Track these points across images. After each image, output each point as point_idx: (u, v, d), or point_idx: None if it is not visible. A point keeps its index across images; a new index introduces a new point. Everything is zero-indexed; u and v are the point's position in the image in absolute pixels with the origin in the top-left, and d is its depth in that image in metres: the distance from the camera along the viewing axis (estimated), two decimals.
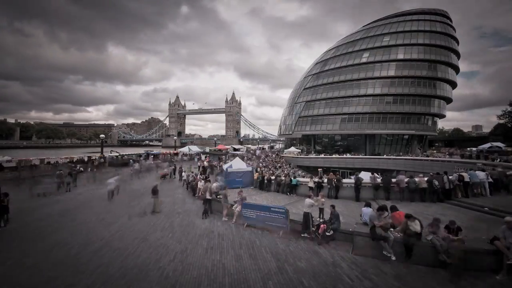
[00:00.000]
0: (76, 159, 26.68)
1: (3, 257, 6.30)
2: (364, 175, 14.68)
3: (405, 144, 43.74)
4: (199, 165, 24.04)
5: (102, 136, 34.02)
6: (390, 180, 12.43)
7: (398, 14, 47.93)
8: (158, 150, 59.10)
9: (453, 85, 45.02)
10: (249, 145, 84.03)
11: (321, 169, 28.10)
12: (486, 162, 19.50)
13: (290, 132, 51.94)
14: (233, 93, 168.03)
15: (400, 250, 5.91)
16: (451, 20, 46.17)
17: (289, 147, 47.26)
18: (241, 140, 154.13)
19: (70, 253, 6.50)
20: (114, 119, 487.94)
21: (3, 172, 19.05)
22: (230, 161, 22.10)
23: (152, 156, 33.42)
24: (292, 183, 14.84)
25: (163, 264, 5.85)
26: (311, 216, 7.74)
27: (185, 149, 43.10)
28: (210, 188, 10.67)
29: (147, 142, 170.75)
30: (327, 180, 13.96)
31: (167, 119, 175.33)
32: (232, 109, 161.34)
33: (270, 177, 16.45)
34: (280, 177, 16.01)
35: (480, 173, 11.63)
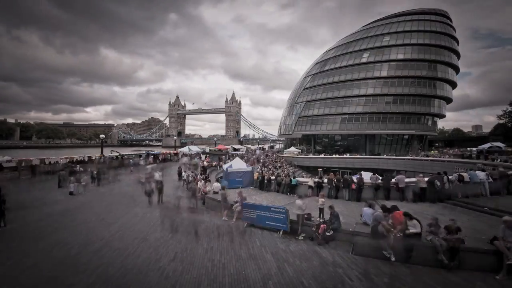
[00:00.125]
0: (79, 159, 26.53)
1: (3, 257, 6.28)
2: (365, 175, 14.70)
3: (405, 144, 43.79)
4: (200, 164, 24.08)
5: (102, 136, 34.08)
6: (390, 180, 12.43)
7: (398, 14, 47.96)
8: (159, 150, 59.07)
9: (453, 85, 45.06)
10: (249, 145, 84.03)
11: (321, 169, 28.11)
12: (486, 162, 19.51)
13: (290, 132, 51.97)
14: (233, 93, 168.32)
15: (400, 250, 5.90)
16: (451, 20, 46.21)
17: (289, 147, 47.27)
18: (241, 140, 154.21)
19: (70, 253, 6.49)
20: (113, 119, 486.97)
21: (3, 172, 19.04)
22: (230, 161, 22.09)
23: (152, 156, 33.39)
24: (292, 183, 14.84)
25: (163, 264, 5.84)
26: (303, 218, 7.80)
27: (185, 149, 43.09)
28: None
29: (147, 142, 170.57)
30: (327, 180, 13.96)
31: (167, 119, 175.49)
32: (232, 109, 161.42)
33: (270, 177, 16.45)
34: (281, 177, 16.01)
35: (480, 173, 11.63)
